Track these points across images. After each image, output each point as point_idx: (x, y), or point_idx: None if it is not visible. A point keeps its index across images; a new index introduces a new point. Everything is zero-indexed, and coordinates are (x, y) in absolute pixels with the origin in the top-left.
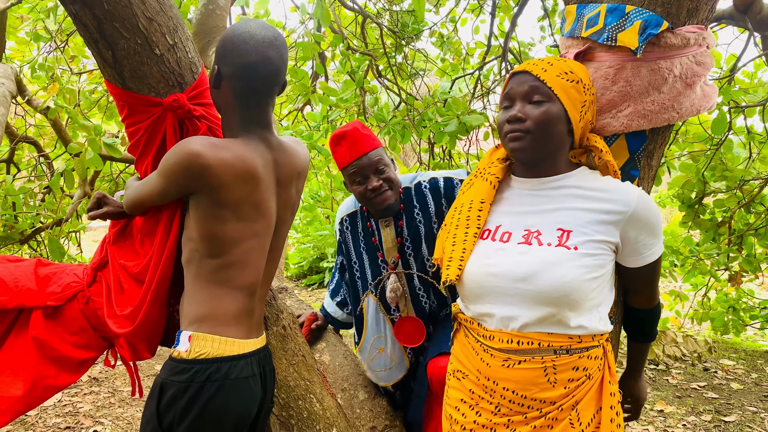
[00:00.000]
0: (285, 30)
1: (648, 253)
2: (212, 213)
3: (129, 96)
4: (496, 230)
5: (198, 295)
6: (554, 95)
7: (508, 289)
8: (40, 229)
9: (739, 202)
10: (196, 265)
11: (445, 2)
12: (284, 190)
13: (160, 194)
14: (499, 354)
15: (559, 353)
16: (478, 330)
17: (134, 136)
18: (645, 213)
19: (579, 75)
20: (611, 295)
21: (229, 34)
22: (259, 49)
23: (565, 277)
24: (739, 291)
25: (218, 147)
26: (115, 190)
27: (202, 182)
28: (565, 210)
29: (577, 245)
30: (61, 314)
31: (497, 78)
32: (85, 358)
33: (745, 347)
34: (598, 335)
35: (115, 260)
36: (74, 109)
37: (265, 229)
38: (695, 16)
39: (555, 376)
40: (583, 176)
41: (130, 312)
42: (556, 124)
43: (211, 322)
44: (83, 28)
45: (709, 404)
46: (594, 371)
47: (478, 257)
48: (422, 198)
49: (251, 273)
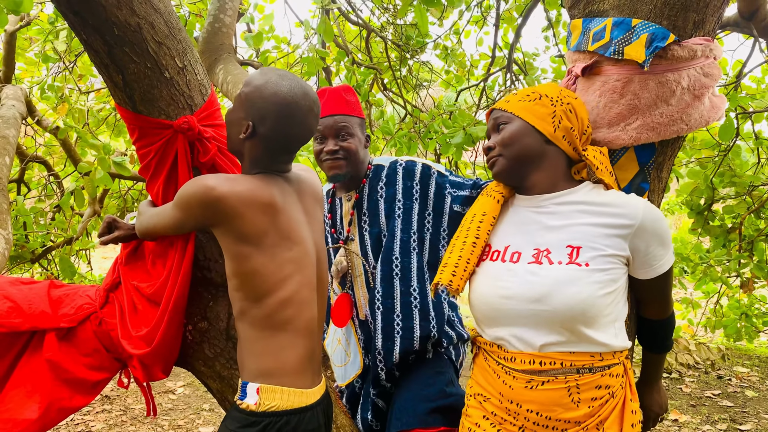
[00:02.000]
0: (290, 45)
1: (658, 264)
2: (237, 246)
3: (139, 119)
4: (505, 251)
5: (258, 346)
6: (513, 116)
7: (523, 311)
8: (51, 248)
9: (749, 208)
10: (248, 315)
11: (448, 15)
12: (313, 218)
13: (176, 226)
14: (521, 375)
15: (582, 372)
16: (498, 353)
17: (145, 158)
18: (653, 224)
19: (543, 91)
20: (626, 308)
21: (269, 97)
22: (305, 121)
23: (580, 294)
24: (751, 297)
25: (232, 180)
26: (124, 206)
27: (218, 214)
28: (573, 226)
29: (588, 261)
30: (74, 336)
31: (502, 89)
32: (98, 379)
33: (759, 353)
34: (618, 352)
35: (128, 281)
36: (83, 129)
37: (304, 257)
38: (702, 28)
39: (579, 396)
40: (587, 191)
41: (146, 333)
42: (522, 138)
43: (278, 374)
44: (94, 54)
45: (724, 413)
46: (617, 389)
47: (489, 279)
48: (392, 175)
49: (305, 310)
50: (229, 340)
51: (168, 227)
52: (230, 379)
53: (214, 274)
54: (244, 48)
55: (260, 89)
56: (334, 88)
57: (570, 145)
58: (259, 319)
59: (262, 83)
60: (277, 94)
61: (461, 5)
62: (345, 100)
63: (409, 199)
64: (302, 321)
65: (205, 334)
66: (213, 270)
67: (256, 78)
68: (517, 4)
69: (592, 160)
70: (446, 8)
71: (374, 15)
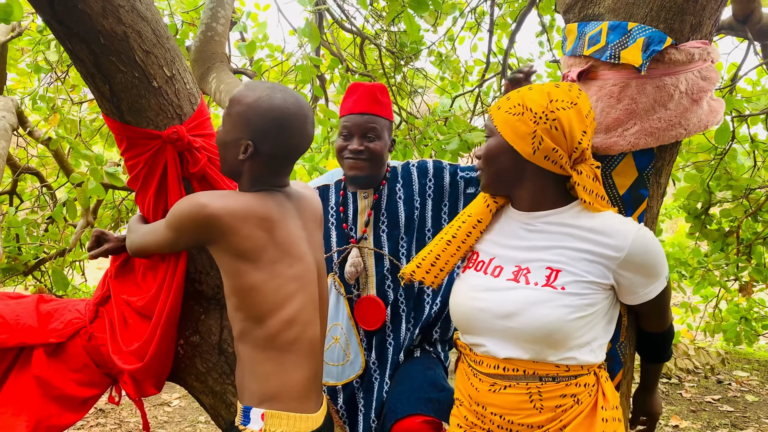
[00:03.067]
0: (283, 53)
1: (644, 293)
2: (235, 263)
3: (127, 129)
4: (490, 262)
5: (262, 369)
6: (495, 130)
7: (493, 324)
8: (44, 260)
9: (746, 211)
10: (250, 336)
11: (442, 22)
12: (312, 236)
13: (169, 245)
14: (486, 378)
15: (545, 380)
16: (470, 355)
17: (134, 169)
18: (640, 256)
19: (529, 104)
20: (609, 327)
21: (266, 113)
22: (304, 131)
23: (547, 317)
24: (750, 301)
25: (226, 197)
26: (118, 217)
27: (212, 232)
28: (556, 249)
29: (565, 285)
30: (63, 351)
31: (497, 94)
32: (88, 395)
33: (758, 357)
34: (588, 365)
35: (118, 295)
36: (75, 139)
37: (306, 274)
38: (699, 31)
39: (541, 402)
40: (576, 213)
41: (137, 348)
42: (498, 156)
43: (283, 399)
44: (80, 63)
45: (724, 418)
46: (583, 396)
47: (468, 289)
48: (407, 175)
49: (309, 329)
50: (221, 354)
51: (161, 246)
52: (223, 395)
53: (205, 286)
54: (237, 57)
55: (254, 106)
56: (369, 86)
57: (555, 164)
58: (262, 341)
59: (255, 99)
60: (273, 109)
61: (454, 12)
62: (378, 101)
63: (424, 197)
64: (306, 341)
65: (197, 349)
66: (204, 282)
67: (245, 95)
68: (511, 9)
69: (580, 191)
70: (440, 15)
71: (368, 22)
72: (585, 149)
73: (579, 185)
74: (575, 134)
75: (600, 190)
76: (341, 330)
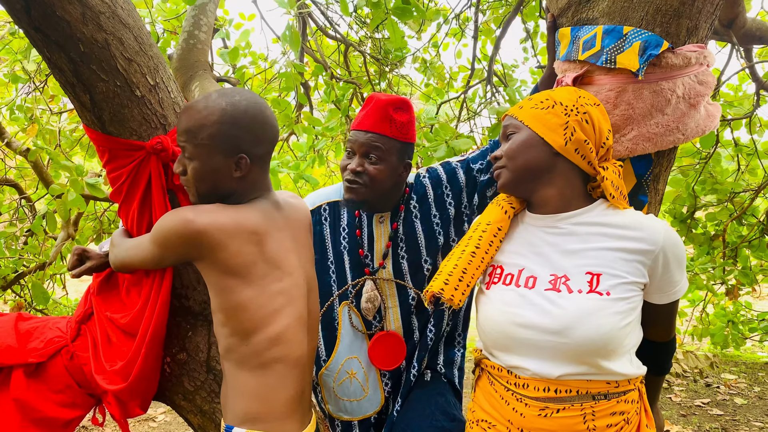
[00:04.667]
0: (267, 61)
1: (673, 291)
2: (223, 279)
3: (110, 141)
4: (519, 274)
5: (246, 387)
6: (523, 125)
7: (540, 341)
8: (24, 274)
9: (731, 215)
10: (236, 353)
11: (426, 28)
12: (302, 246)
13: (154, 261)
14: (534, 403)
15: (598, 399)
16: (509, 378)
17: (116, 181)
18: (673, 249)
19: (558, 98)
20: (640, 334)
21: (243, 118)
22: (272, 120)
23: (602, 328)
24: (736, 304)
25: (212, 211)
26: (101, 229)
27: (200, 248)
28: (592, 251)
29: (609, 290)
30: (44, 371)
31: (483, 101)
32: (71, 417)
33: (745, 359)
34: (634, 378)
35: (101, 312)
36: (55, 150)
37: (295, 289)
38: (695, 34)
39: (594, 423)
40: (602, 211)
41: (121, 367)
42: (528, 150)
43: (266, 419)
44: (58, 72)
45: (714, 421)
46: (632, 415)
47: (502, 305)
48: (421, 189)
49: (296, 347)
50: (210, 372)
51: (146, 262)
52: (212, 414)
53: (192, 302)
54: (220, 64)
55: (231, 120)
56: (382, 100)
57: (584, 159)
58: (247, 358)
59: (221, 114)
60: (247, 111)
61: (438, 18)
62: (389, 118)
63: (444, 209)
64: (292, 358)
65: (184, 367)
66: (191, 298)
67: (204, 116)
68: (495, 16)
69: (608, 186)
70: (424, 22)
71: (352, 29)
72: (610, 147)
73: (607, 180)
74: (603, 130)
75: (624, 189)
76: (359, 363)
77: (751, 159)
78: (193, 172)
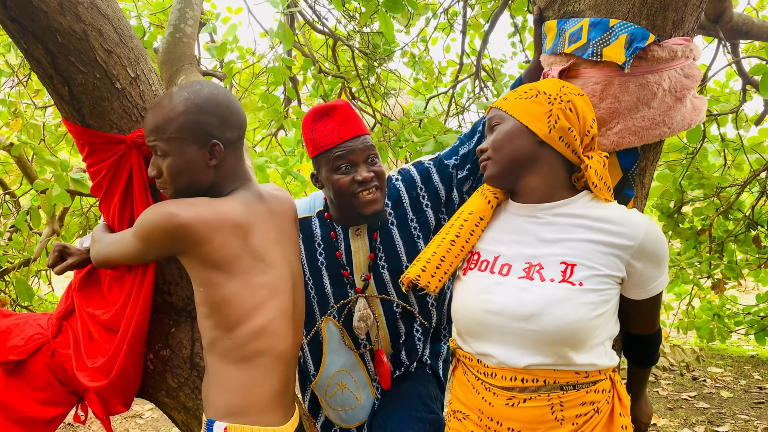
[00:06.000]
0: (254, 55)
1: (652, 286)
2: (207, 273)
3: (89, 134)
4: (495, 261)
5: (228, 381)
6: (507, 115)
7: (509, 328)
8: (8, 270)
9: (718, 210)
10: (219, 346)
11: (415, 22)
12: (288, 239)
13: (137, 256)
14: (502, 392)
15: (566, 389)
16: (478, 367)
17: (97, 176)
18: (652, 245)
19: (541, 88)
20: (617, 326)
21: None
22: (237, 105)
23: (570, 316)
24: (722, 298)
25: (196, 204)
26: (86, 224)
27: (183, 242)
28: (569, 241)
29: (582, 280)
30: (24, 369)
31: (471, 95)
32: (53, 416)
33: (731, 353)
34: (605, 369)
35: (83, 308)
36: (39, 145)
37: (280, 282)
38: (681, 27)
39: (562, 413)
40: (585, 203)
41: (102, 364)
42: (513, 139)
43: (248, 413)
44: (36, 64)
45: (701, 415)
46: (602, 404)
47: (475, 291)
48: (395, 194)
49: (280, 340)
50: (193, 368)
51: (128, 257)
52: (196, 411)
53: (175, 298)
54: (207, 59)
55: (196, 107)
56: (342, 106)
57: (568, 147)
58: (231, 351)
59: (186, 105)
60: (211, 98)
61: (427, 12)
62: (357, 117)
63: (421, 212)
64: (277, 352)
65: (167, 363)
66: (174, 294)
67: (174, 106)
68: (484, 10)
69: (592, 175)
70: (412, 16)
71: (340, 24)
72: (595, 136)
73: (591, 169)
74: (587, 118)
75: (608, 180)
76: (348, 375)
77: (738, 154)
78: (168, 170)
